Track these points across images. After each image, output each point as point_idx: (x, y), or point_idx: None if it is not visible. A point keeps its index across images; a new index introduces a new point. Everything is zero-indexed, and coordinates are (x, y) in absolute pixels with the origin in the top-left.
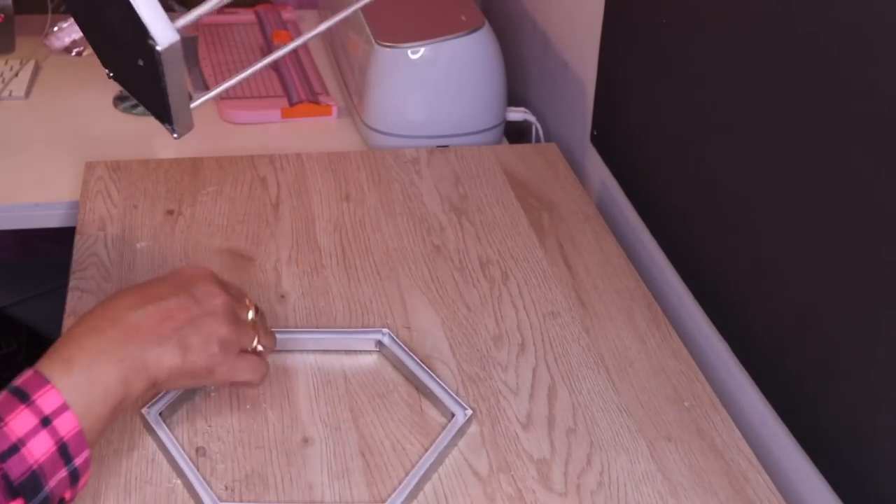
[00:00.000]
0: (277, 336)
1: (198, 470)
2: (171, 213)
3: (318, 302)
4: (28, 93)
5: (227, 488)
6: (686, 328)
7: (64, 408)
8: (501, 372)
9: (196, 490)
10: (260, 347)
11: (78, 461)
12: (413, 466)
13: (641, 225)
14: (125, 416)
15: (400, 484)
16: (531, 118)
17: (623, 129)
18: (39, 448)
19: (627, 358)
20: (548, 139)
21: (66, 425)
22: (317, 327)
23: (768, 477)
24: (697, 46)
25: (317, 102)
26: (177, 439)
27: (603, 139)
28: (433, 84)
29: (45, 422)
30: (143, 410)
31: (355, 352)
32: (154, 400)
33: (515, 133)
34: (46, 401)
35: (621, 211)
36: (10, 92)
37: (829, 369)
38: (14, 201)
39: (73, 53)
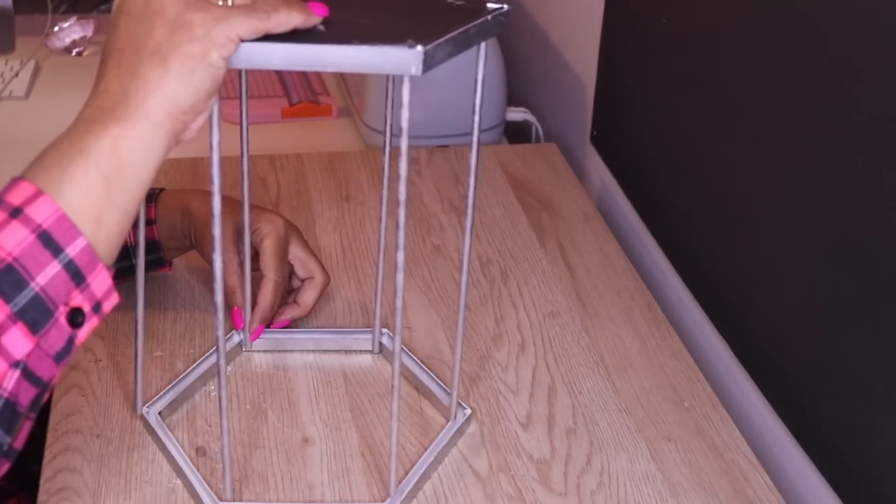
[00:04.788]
0: (277, 337)
1: (198, 470)
2: None
3: (318, 302)
4: (28, 93)
5: None
6: (686, 328)
7: (37, 194)
8: (501, 372)
9: (196, 490)
10: None
11: (71, 251)
12: (412, 466)
13: (641, 225)
14: (125, 416)
15: (400, 483)
16: (531, 118)
17: (623, 129)
18: (10, 240)
19: (627, 358)
20: (548, 139)
21: (41, 211)
22: (316, 327)
23: (768, 477)
24: (697, 46)
25: (317, 102)
26: (177, 439)
27: (603, 139)
28: (433, 84)
29: (15, 213)
30: (143, 410)
31: (355, 352)
32: (154, 400)
33: (515, 133)
34: (15, 194)
35: (621, 211)
36: (11, 92)
37: (829, 369)
38: None
39: (74, 53)
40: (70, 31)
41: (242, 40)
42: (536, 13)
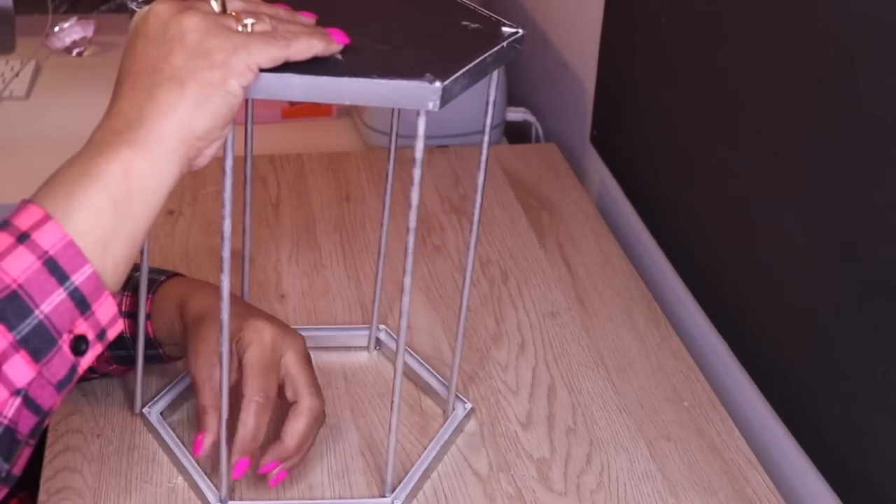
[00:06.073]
0: None
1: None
2: (171, 213)
3: (318, 302)
4: (29, 93)
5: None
6: (686, 328)
7: (45, 219)
8: (501, 371)
9: (201, 488)
10: (251, 21)
11: (77, 279)
12: (413, 465)
13: (641, 225)
14: (125, 416)
15: (406, 475)
16: (531, 118)
17: (623, 129)
18: (16, 266)
19: (627, 358)
20: (548, 139)
21: (48, 237)
22: (315, 325)
23: (767, 476)
24: (697, 46)
25: (317, 102)
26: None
27: (603, 139)
28: None
29: (22, 238)
30: (145, 410)
31: (355, 351)
32: (155, 399)
33: (515, 133)
34: (23, 217)
35: (621, 211)
36: (11, 92)
37: (829, 369)
38: (14, 201)
39: (74, 54)
40: (70, 31)
41: (262, 69)
42: (536, 13)
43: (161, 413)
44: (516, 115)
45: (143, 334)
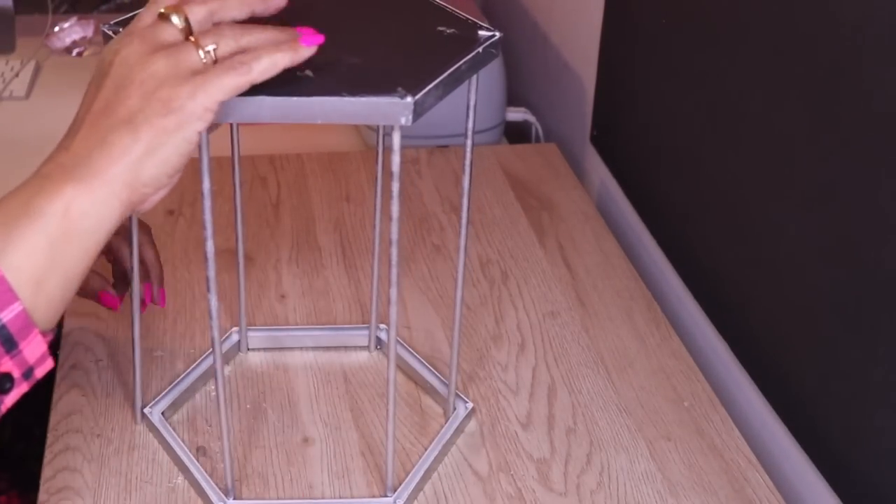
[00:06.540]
0: (275, 334)
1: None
2: (171, 213)
3: (317, 302)
4: (29, 93)
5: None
6: (686, 328)
7: None
8: (501, 371)
9: (203, 488)
10: (212, 48)
11: (5, 316)
12: (413, 466)
13: (641, 225)
14: (125, 416)
15: (408, 475)
16: (531, 118)
17: (623, 129)
18: None
19: (627, 358)
20: (548, 139)
21: None
22: (315, 325)
23: (768, 476)
24: (697, 46)
25: None
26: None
27: (603, 139)
28: None
29: None
30: (146, 410)
31: (355, 350)
32: (156, 400)
33: (515, 133)
34: None
35: (621, 211)
36: (11, 92)
37: (829, 369)
38: None
39: (74, 54)
40: (70, 31)
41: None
42: (536, 13)
43: (162, 413)
44: (516, 115)
45: (139, 336)
